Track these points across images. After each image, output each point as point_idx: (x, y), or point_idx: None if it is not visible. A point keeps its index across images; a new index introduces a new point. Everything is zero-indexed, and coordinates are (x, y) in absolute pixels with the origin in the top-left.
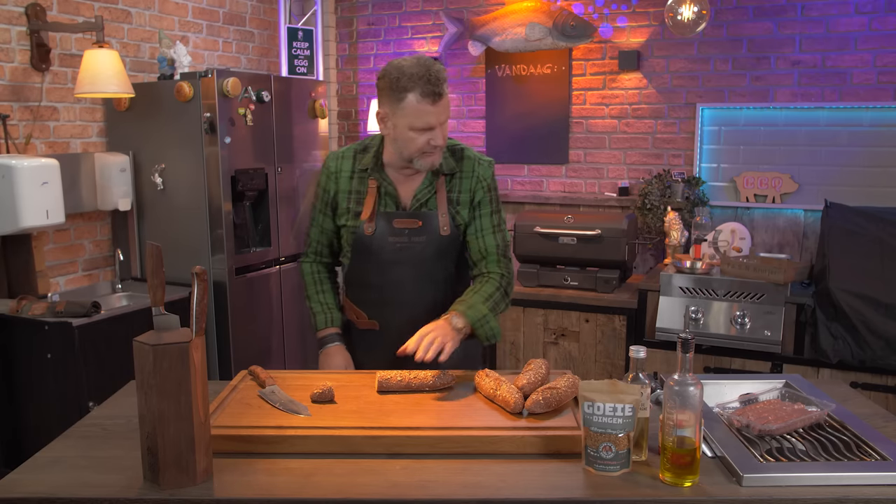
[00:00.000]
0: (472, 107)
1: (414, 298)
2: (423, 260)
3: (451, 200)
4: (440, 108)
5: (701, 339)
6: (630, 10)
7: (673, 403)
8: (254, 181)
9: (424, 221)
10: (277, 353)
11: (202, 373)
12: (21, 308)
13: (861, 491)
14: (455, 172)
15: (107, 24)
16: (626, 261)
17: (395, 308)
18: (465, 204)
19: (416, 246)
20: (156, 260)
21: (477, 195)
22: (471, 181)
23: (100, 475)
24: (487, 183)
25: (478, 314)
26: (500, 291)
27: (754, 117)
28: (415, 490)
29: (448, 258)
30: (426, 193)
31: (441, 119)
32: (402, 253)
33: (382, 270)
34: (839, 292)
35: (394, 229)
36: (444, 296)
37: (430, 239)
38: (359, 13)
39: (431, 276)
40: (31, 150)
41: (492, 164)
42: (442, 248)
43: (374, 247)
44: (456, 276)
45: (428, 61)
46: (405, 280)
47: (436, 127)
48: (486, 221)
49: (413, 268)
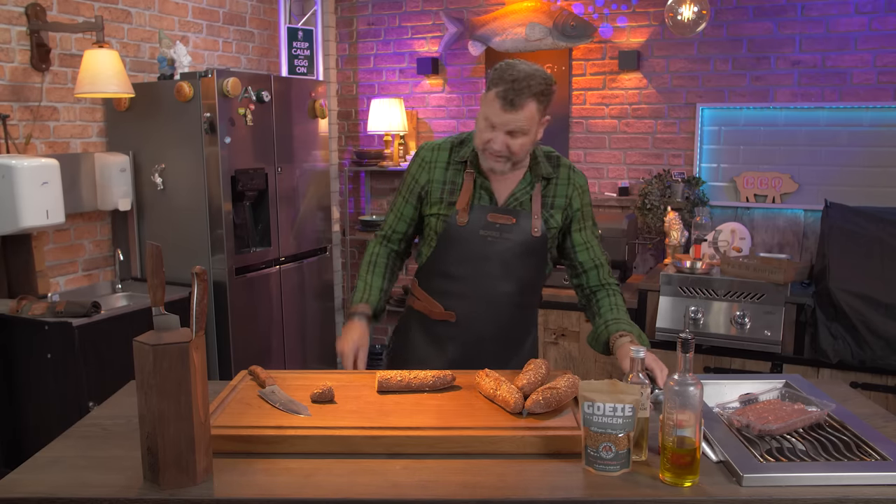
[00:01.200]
0: (472, 107)
1: (495, 293)
2: (511, 257)
3: (545, 204)
4: (509, 117)
5: (701, 339)
6: (630, 10)
7: (673, 403)
8: (254, 181)
9: (518, 219)
10: (277, 353)
11: (202, 373)
12: (21, 308)
13: (861, 491)
14: (552, 178)
15: (107, 24)
16: (626, 261)
17: (475, 301)
18: (560, 209)
19: (506, 242)
20: (156, 260)
21: (574, 203)
22: (567, 188)
23: (100, 475)
24: (585, 192)
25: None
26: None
27: (754, 117)
28: (415, 490)
29: (533, 259)
30: (524, 193)
31: (507, 126)
32: (490, 247)
33: (468, 262)
34: (839, 292)
35: (487, 222)
36: (522, 295)
37: (520, 237)
38: (359, 13)
39: (515, 274)
40: (31, 150)
41: (585, 176)
42: (529, 249)
43: (465, 238)
44: (536, 278)
45: (533, 72)
46: (490, 274)
47: (498, 130)
48: (590, 233)
49: (499, 263)
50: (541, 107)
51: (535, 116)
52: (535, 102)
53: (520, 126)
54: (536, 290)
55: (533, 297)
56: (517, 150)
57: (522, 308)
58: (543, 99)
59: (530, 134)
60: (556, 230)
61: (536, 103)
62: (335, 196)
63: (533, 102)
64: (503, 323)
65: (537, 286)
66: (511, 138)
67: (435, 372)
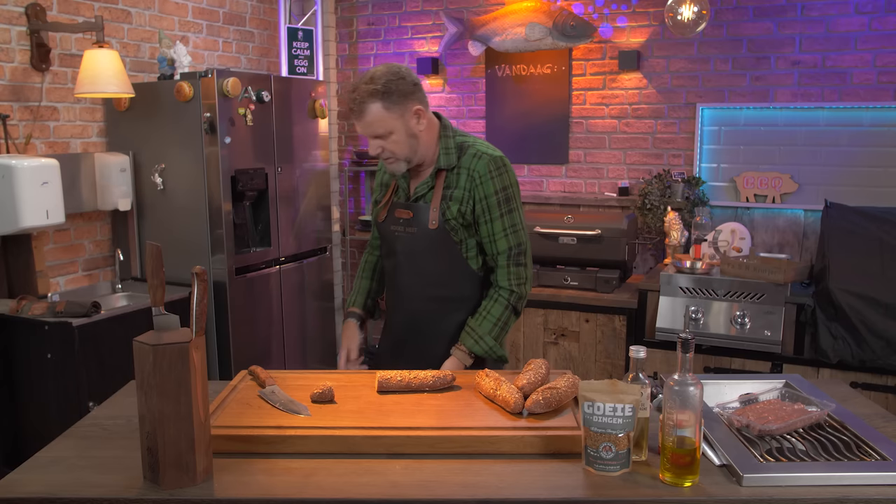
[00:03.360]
0: (472, 107)
1: (410, 288)
2: (414, 251)
3: (445, 196)
4: (361, 124)
5: (701, 339)
6: (630, 10)
7: (673, 403)
8: (254, 181)
9: (416, 213)
10: (277, 353)
11: (202, 373)
12: (21, 308)
13: (861, 491)
14: (454, 168)
15: (107, 24)
16: (626, 261)
17: (398, 295)
18: (458, 200)
19: (409, 236)
20: (156, 260)
21: (476, 192)
22: (465, 178)
23: (100, 475)
24: (486, 181)
25: (484, 348)
26: (508, 311)
27: (754, 117)
28: (415, 490)
29: (439, 254)
30: (424, 188)
31: (366, 132)
32: (398, 241)
33: (389, 257)
34: (839, 292)
35: (394, 218)
36: (439, 290)
37: (420, 231)
38: (359, 13)
39: (423, 269)
40: (31, 150)
41: (496, 160)
42: (431, 243)
43: (383, 234)
44: (449, 272)
45: (371, 75)
46: (402, 269)
47: (368, 137)
48: (497, 226)
49: (406, 257)
50: (387, 104)
51: (386, 114)
52: (378, 102)
53: (376, 128)
54: (455, 285)
55: (451, 292)
56: (395, 150)
57: (437, 302)
58: (387, 96)
59: (397, 131)
60: (455, 222)
61: (380, 102)
62: (335, 196)
63: (375, 103)
64: (415, 315)
65: (455, 282)
66: (383, 140)
67: (435, 372)
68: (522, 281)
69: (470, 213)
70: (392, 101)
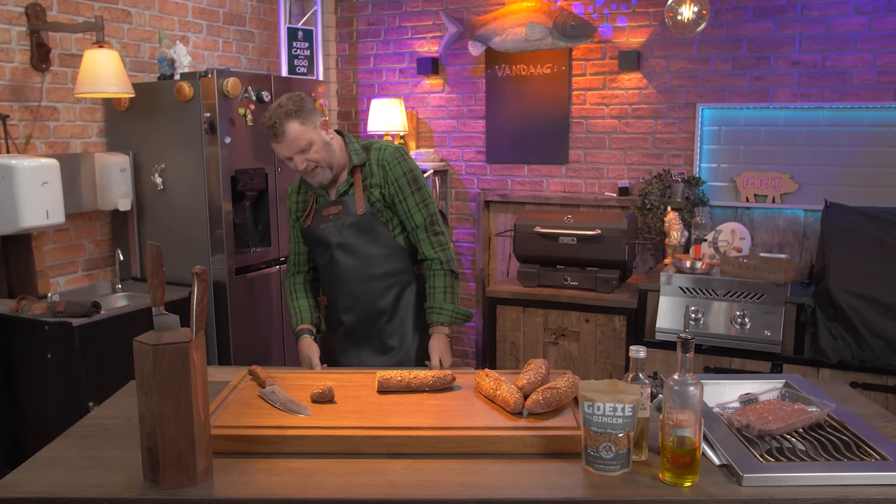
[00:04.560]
0: (472, 107)
1: (349, 272)
2: (347, 239)
3: (365, 186)
4: (283, 144)
5: (701, 339)
6: (630, 10)
7: (673, 403)
8: (254, 181)
9: (344, 206)
10: (277, 353)
11: (202, 373)
12: (21, 308)
13: (861, 491)
14: (364, 163)
15: (107, 24)
16: (626, 261)
17: (337, 282)
18: (377, 186)
19: (339, 227)
20: (156, 260)
21: (389, 176)
22: (376, 167)
23: (100, 475)
24: (394, 165)
25: (448, 314)
26: (449, 277)
27: (754, 117)
28: (415, 490)
29: (371, 235)
30: (345, 185)
31: (291, 151)
32: (330, 236)
33: (323, 253)
34: (839, 292)
35: (322, 216)
36: (376, 268)
37: (349, 220)
38: (359, 13)
39: (358, 251)
40: (31, 150)
41: (398, 150)
42: (362, 227)
43: (312, 236)
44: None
45: (279, 102)
46: (338, 258)
47: (293, 156)
48: (411, 202)
49: (341, 247)
50: (302, 119)
51: (303, 129)
52: (294, 121)
53: (299, 143)
54: (389, 262)
55: (387, 268)
56: (318, 158)
57: (376, 280)
58: (300, 113)
59: (315, 142)
60: (379, 204)
61: (296, 120)
62: None
63: (292, 122)
64: (357, 296)
65: (389, 259)
66: (306, 154)
67: (435, 372)
68: (444, 246)
69: (389, 195)
70: (304, 116)
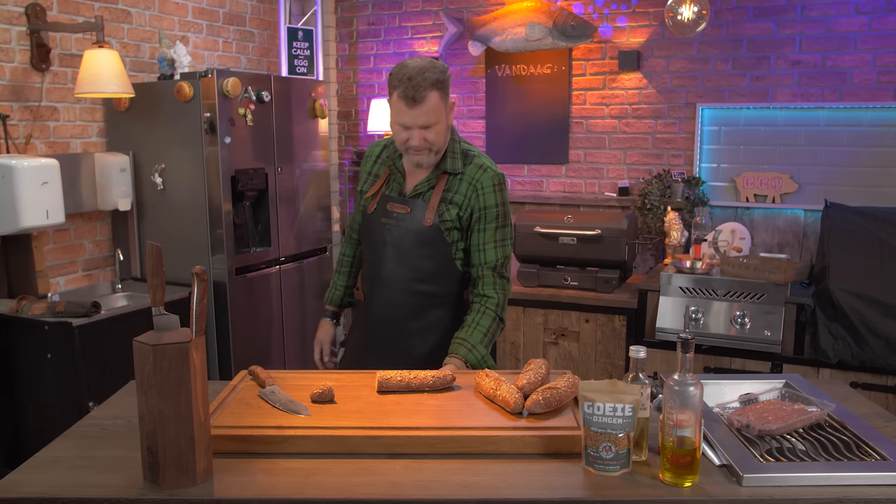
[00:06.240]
0: (472, 107)
1: (393, 280)
2: (404, 245)
3: (444, 199)
4: (416, 112)
5: (701, 339)
6: (630, 10)
7: (673, 403)
8: (254, 181)
9: (413, 209)
10: (277, 353)
11: (202, 373)
12: (21, 308)
13: (861, 491)
14: (458, 173)
15: (107, 24)
16: (626, 261)
17: (378, 285)
18: (457, 205)
19: (400, 230)
20: (156, 260)
21: (475, 202)
22: (469, 186)
23: (100, 475)
24: (488, 193)
25: (477, 357)
26: (495, 322)
27: (754, 117)
28: (415, 490)
29: (428, 249)
30: (425, 186)
31: (418, 122)
32: (388, 234)
33: (374, 247)
34: (839, 292)
35: (386, 211)
36: (424, 284)
37: (413, 226)
38: (359, 13)
39: (411, 263)
40: (31, 150)
41: (499, 177)
42: (423, 238)
43: (370, 224)
44: (437, 270)
45: (426, 65)
46: (388, 260)
47: (412, 128)
48: (489, 235)
49: (395, 250)
50: (442, 94)
51: (440, 104)
52: (435, 92)
53: (430, 117)
54: (439, 282)
55: (434, 288)
56: (435, 140)
57: (420, 297)
58: (441, 86)
59: (442, 122)
60: (450, 224)
61: (438, 92)
62: (335, 196)
63: (434, 92)
64: (395, 306)
65: (440, 278)
66: (426, 131)
67: (435, 372)
68: (506, 291)
69: (466, 219)
70: (445, 91)
